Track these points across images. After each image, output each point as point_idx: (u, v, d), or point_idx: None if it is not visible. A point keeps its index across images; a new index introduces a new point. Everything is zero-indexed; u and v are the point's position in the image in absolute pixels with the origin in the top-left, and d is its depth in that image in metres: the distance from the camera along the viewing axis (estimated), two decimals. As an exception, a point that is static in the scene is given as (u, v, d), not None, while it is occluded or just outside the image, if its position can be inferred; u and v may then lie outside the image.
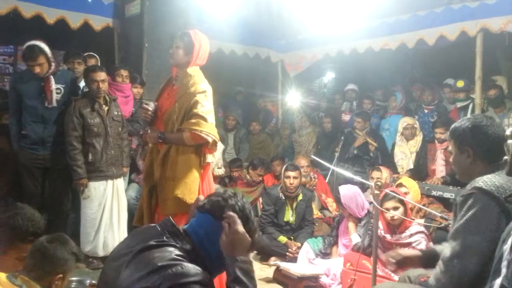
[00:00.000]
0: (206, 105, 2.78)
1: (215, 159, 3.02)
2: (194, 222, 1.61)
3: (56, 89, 3.82)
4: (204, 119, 2.75)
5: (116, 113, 3.95)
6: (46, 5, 4.58)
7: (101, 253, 3.79)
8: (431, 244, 3.48)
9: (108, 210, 3.85)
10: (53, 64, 3.79)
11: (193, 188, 2.76)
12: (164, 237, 1.53)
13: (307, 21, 5.60)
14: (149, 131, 2.86)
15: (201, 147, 2.81)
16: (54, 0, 4.62)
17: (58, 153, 3.80)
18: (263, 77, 7.31)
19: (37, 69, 3.72)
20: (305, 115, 6.45)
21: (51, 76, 3.80)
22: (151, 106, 2.86)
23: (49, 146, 3.84)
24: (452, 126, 1.98)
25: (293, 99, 6.94)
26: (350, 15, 5.23)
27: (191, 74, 2.85)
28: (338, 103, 6.79)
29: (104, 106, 3.87)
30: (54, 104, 3.81)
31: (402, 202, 3.34)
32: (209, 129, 2.76)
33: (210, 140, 2.77)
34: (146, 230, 1.65)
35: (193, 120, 2.73)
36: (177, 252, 1.48)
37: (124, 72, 4.38)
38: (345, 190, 3.76)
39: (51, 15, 4.62)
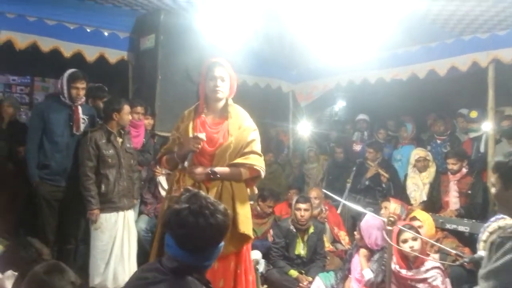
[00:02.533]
0: (259, 143, 2.87)
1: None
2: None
3: (81, 118, 3.94)
4: (261, 155, 2.84)
5: (128, 145, 4.02)
6: (64, 39, 4.68)
7: (110, 286, 3.76)
8: (447, 280, 3.41)
9: (119, 242, 3.84)
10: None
11: (250, 221, 2.82)
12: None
13: (318, 52, 5.66)
14: (194, 169, 2.71)
15: (248, 180, 2.86)
16: (72, 35, 4.73)
17: (76, 184, 3.82)
18: (274, 107, 7.34)
19: (81, 92, 3.88)
20: (314, 147, 6.44)
21: (79, 106, 3.92)
22: (204, 137, 2.70)
23: (69, 177, 3.88)
24: (498, 159, 1.89)
25: (304, 129, 6.95)
26: (361, 46, 5.28)
27: (237, 107, 2.87)
28: (349, 133, 6.78)
29: (118, 138, 3.93)
30: (81, 131, 3.92)
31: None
32: (264, 165, 2.86)
33: (262, 175, 2.88)
34: (154, 266, 1.68)
35: (252, 156, 2.78)
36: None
37: (141, 110, 4.46)
38: (369, 218, 3.71)
39: (68, 49, 4.72)
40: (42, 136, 3.88)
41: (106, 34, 4.99)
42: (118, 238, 3.84)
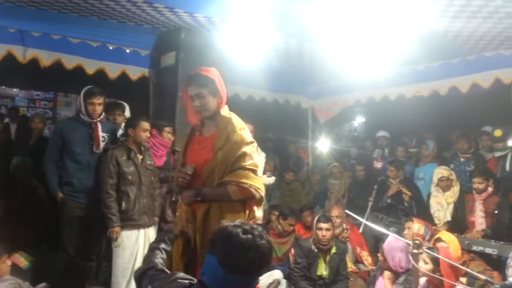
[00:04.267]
0: (255, 158, 2.48)
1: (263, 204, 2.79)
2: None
3: (101, 136, 3.95)
4: (254, 172, 2.47)
5: (149, 162, 4.02)
6: (87, 57, 4.77)
7: None
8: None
9: (140, 260, 3.80)
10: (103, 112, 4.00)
11: None
12: None
13: (337, 68, 5.65)
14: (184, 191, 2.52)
15: (246, 201, 2.50)
16: (95, 53, 4.82)
17: (98, 201, 3.83)
18: (293, 123, 7.33)
19: (97, 108, 3.88)
20: (336, 163, 6.38)
21: (98, 123, 3.94)
22: (189, 170, 2.50)
23: (91, 194, 3.89)
24: None
25: (323, 145, 6.90)
26: (381, 63, 5.25)
27: (228, 117, 2.54)
28: (369, 150, 6.69)
29: (138, 155, 3.94)
30: (101, 149, 3.93)
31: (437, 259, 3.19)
32: (258, 184, 2.47)
33: (257, 196, 2.48)
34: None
35: (240, 172, 2.42)
36: None
37: (169, 130, 4.49)
38: (391, 239, 3.62)
39: (91, 66, 4.80)
40: (63, 154, 3.92)
41: (127, 51, 5.07)
42: (139, 256, 3.81)
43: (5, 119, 6.69)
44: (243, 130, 2.52)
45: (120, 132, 4.35)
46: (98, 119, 3.96)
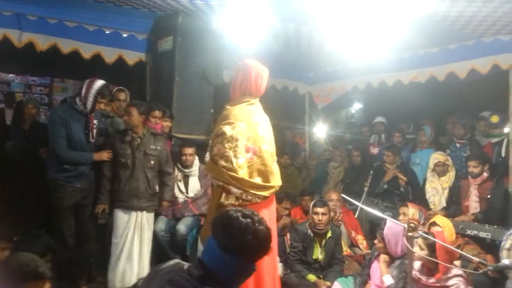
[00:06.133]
0: (220, 148, 2.70)
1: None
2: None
3: (95, 126, 4.02)
4: (214, 162, 2.72)
5: (153, 147, 4.03)
6: (83, 41, 4.72)
7: (118, 284, 3.85)
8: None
9: (129, 242, 3.92)
10: None
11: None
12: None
13: (335, 54, 5.62)
14: None
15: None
16: (91, 37, 4.76)
17: (92, 186, 3.96)
18: (290, 109, 7.32)
19: (102, 106, 4.04)
20: (334, 149, 6.40)
21: (93, 114, 3.97)
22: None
23: (86, 180, 3.96)
24: None
25: (320, 131, 6.91)
26: (379, 48, 5.22)
27: (225, 108, 2.82)
28: (366, 136, 6.71)
29: (138, 139, 3.99)
30: (94, 138, 4.01)
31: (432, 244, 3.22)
32: (215, 173, 2.73)
33: (213, 183, 2.85)
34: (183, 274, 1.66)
35: (207, 161, 2.87)
36: None
37: (159, 114, 4.39)
38: (391, 225, 3.64)
39: (87, 51, 4.76)
40: None
41: (124, 35, 5.01)
42: (128, 238, 3.90)
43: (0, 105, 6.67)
44: (226, 123, 2.73)
45: None
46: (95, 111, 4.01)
